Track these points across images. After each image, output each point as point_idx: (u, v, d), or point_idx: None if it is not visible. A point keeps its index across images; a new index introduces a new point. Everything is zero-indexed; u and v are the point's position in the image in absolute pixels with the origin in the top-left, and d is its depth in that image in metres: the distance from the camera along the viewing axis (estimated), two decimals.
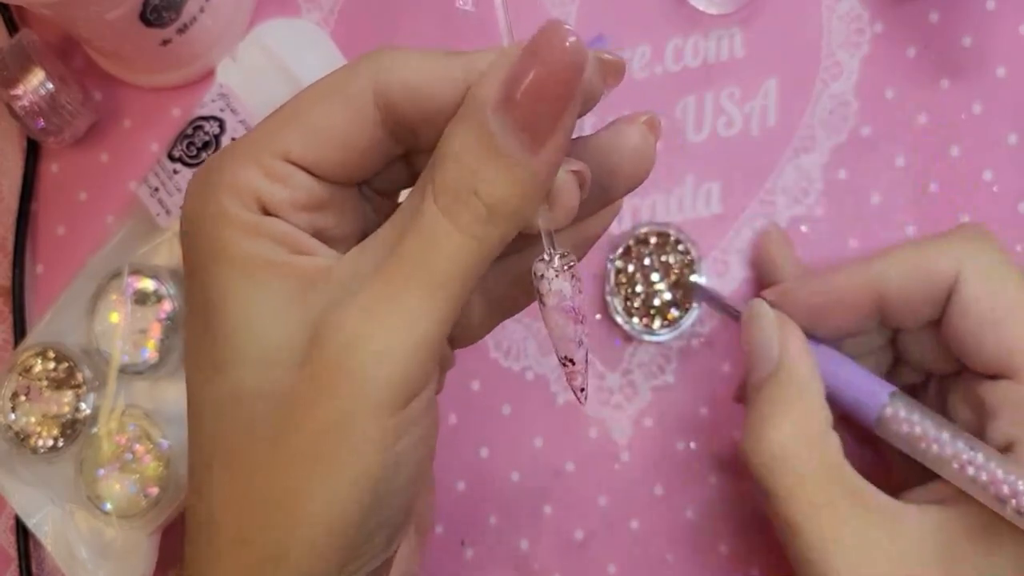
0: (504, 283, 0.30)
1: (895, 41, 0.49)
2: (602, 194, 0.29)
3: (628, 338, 0.48)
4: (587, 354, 0.28)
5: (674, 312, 0.47)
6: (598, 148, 0.28)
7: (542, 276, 0.27)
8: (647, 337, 0.48)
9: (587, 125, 0.48)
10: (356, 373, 0.24)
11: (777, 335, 0.39)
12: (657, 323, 0.47)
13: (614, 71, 0.27)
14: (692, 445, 0.49)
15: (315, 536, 0.24)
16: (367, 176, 0.28)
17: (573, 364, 0.28)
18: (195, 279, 0.26)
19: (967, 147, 0.48)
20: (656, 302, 0.47)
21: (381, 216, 0.28)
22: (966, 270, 0.37)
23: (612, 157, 0.28)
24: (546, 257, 0.27)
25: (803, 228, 0.48)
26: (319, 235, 0.27)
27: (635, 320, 0.47)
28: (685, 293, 0.47)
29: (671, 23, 0.49)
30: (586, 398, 0.28)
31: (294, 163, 0.26)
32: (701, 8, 0.49)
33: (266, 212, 0.26)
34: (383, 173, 0.28)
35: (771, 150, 0.49)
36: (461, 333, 0.31)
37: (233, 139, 0.46)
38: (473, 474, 0.49)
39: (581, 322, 0.27)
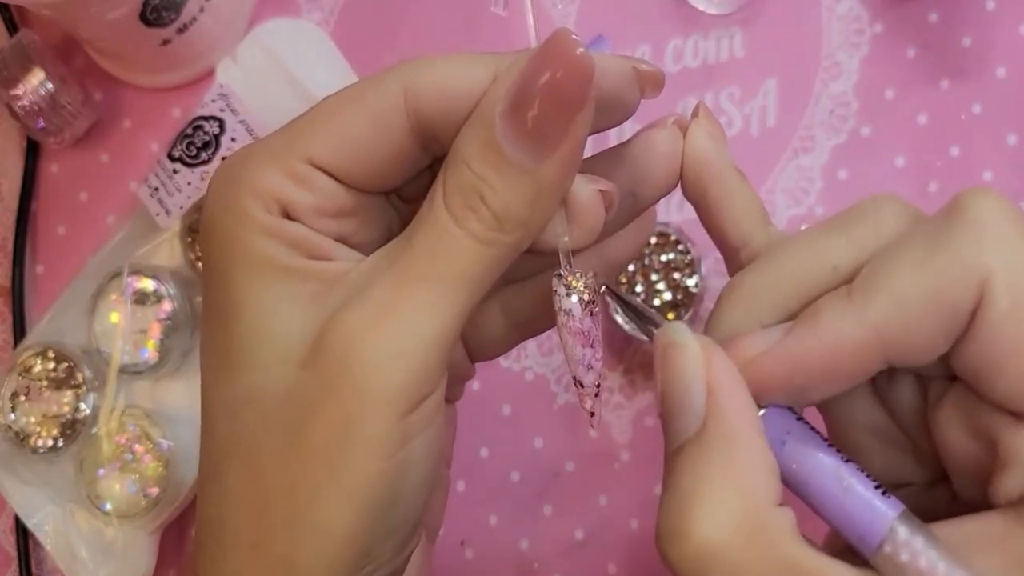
0: (527, 302, 0.29)
1: (895, 41, 0.49)
2: (634, 202, 0.28)
3: (628, 338, 0.48)
4: (599, 379, 0.27)
5: (674, 312, 0.47)
6: (629, 157, 0.28)
7: (555, 291, 0.26)
8: (647, 337, 0.47)
9: None
10: (360, 372, 0.24)
11: (702, 376, 0.26)
12: None
13: (652, 82, 0.27)
14: None
15: (324, 542, 0.24)
16: (395, 185, 0.27)
17: (582, 387, 0.27)
18: (213, 279, 0.26)
19: (967, 147, 0.48)
20: (656, 302, 0.47)
21: (406, 223, 0.28)
22: (996, 282, 0.25)
23: (643, 165, 0.28)
24: (562, 272, 0.26)
25: (803, 228, 0.48)
26: (343, 241, 0.27)
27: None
28: (685, 293, 0.47)
29: (671, 23, 0.49)
30: (598, 423, 0.27)
31: (320, 168, 0.26)
32: (701, 8, 0.49)
33: (288, 216, 0.25)
34: (411, 182, 0.28)
35: (771, 150, 0.49)
36: (482, 347, 0.31)
37: (233, 139, 0.46)
38: (473, 474, 0.49)
39: (591, 346, 0.26)
